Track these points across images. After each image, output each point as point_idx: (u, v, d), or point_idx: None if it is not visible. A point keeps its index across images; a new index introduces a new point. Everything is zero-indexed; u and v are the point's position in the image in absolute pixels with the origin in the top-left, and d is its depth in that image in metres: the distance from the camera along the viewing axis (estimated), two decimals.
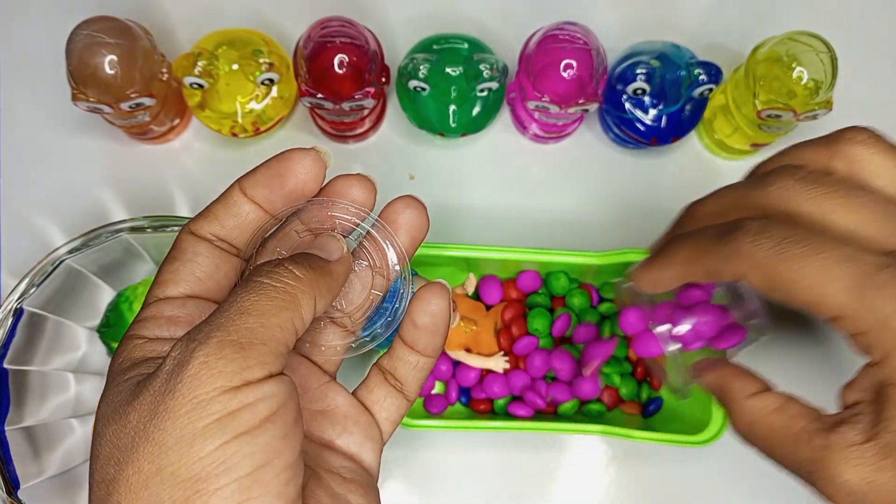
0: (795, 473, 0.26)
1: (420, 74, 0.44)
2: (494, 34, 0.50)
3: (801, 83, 0.42)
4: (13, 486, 0.37)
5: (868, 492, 0.24)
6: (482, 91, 0.46)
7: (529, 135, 0.50)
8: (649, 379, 0.46)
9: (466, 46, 0.46)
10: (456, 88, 0.45)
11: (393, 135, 0.50)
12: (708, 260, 0.27)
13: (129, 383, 0.21)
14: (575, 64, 0.43)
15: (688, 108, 0.47)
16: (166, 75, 0.45)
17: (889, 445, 0.24)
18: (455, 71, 0.45)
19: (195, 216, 0.25)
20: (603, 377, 0.45)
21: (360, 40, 0.43)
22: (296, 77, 0.44)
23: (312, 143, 0.25)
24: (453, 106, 0.46)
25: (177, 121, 0.49)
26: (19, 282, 0.38)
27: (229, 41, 0.45)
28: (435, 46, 0.46)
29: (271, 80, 0.45)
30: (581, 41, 0.43)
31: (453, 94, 0.45)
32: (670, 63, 0.45)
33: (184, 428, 0.19)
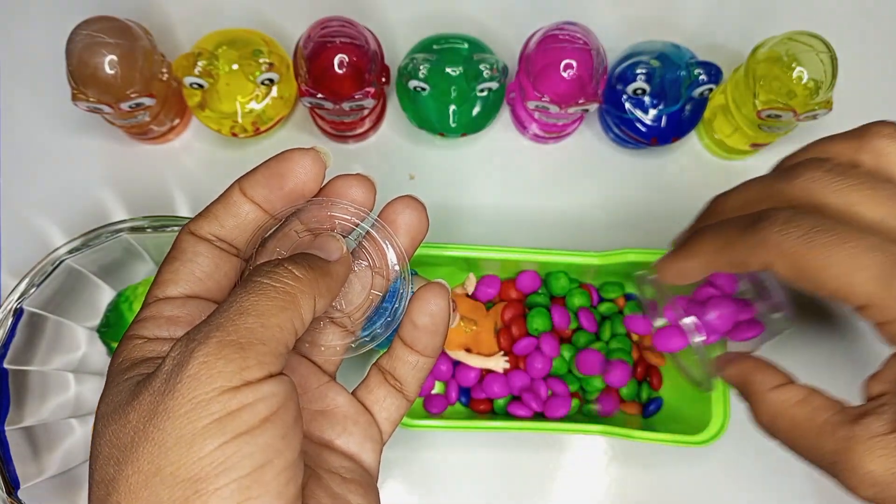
0: (818, 466, 0.26)
1: (420, 74, 0.44)
2: (494, 34, 0.49)
3: (801, 83, 0.42)
4: (13, 486, 0.37)
5: (892, 482, 0.24)
6: (482, 91, 0.46)
7: (529, 135, 0.50)
8: (649, 379, 0.46)
9: (466, 46, 0.46)
10: (456, 88, 0.45)
11: (393, 135, 0.50)
12: (734, 249, 0.27)
13: (129, 383, 0.21)
14: (575, 64, 0.43)
15: (688, 108, 0.46)
16: (166, 75, 0.45)
17: None
18: (455, 71, 0.45)
19: (195, 216, 0.25)
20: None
21: (360, 40, 0.43)
22: (296, 77, 0.44)
23: (312, 143, 0.25)
24: (453, 106, 0.46)
25: (177, 121, 0.49)
26: (19, 282, 0.38)
27: (229, 41, 0.45)
28: (435, 46, 0.46)
29: (271, 80, 0.45)
30: (581, 41, 0.43)
31: (453, 94, 0.45)
32: (670, 63, 0.45)
33: (183, 428, 0.19)
